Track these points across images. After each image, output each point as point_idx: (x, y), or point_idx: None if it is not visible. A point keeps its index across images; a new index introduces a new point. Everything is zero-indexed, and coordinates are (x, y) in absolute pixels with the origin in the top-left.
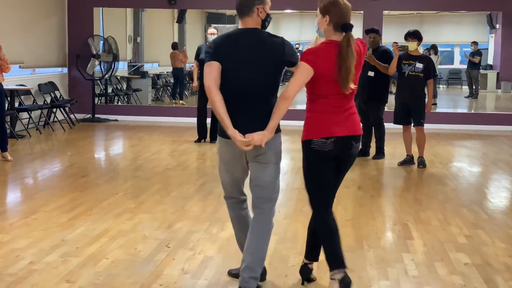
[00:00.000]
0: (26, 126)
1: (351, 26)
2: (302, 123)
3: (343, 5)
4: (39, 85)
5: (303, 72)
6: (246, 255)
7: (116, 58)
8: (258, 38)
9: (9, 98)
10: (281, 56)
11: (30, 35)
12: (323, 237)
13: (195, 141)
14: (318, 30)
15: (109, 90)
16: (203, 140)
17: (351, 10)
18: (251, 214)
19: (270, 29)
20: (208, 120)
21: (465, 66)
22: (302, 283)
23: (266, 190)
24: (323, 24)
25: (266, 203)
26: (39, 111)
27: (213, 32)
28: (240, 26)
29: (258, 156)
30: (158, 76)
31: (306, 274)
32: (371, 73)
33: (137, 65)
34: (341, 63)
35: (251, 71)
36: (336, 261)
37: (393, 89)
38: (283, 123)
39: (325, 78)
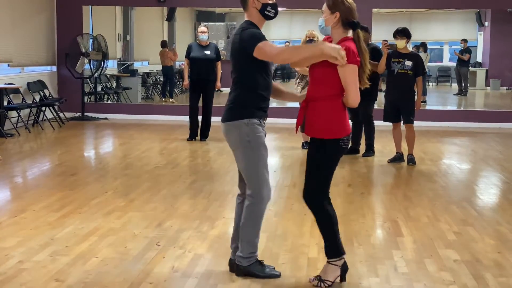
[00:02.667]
0: (15, 125)
1: (359, 24)
2: (293, 120)
3: (351, 2)
4: (28, 84)
5: (356, 73)
6: None
7: (105, 56)
8: (237, 29)
9: None
10: (235, 47)
11: (19, 34)
12: (332, 224)
13: (187, 139)
14: (324, 27)
15: (99, 88)
16: (194, 138)
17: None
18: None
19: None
20: (200, 118)
21: (454, 64)
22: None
23: (246, 177)
24: (331, 21)
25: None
26: (28, 109)
27: (204, 30)
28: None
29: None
30: (148, 74)
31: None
32: None
33: (126, 63)
34: (363, 59)
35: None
36: (341, 248)
37: (383, 86)
38: (270, 121)
39: None
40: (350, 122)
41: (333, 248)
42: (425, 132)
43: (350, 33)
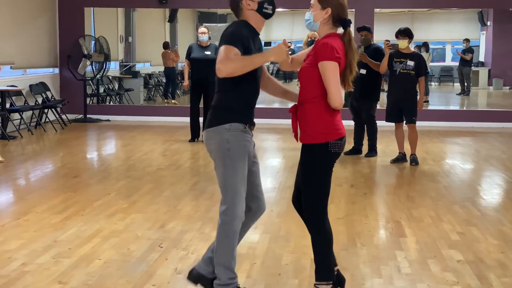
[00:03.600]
0: (17, 127)
1: (350, 22)
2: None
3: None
4: (30, 86)
5: (336, 71)
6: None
7: (107, 58)
8: None
9: (0, 99)
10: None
11: (21, 36)
12: (327, 244)
13: (189, 141)
14: (312, 22)
15: (101, 90)
16: (196, 139)
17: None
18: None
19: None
20: (201, 120)
21: (457, 63)
22: None
23: (221, 188)
24: (321, 17)
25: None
26: (31, 111)
27: (204, 31)
28: None
29: (255, 161)
30: (150, 75)
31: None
32: (363, 71)
33: (128, 64)
34: (350, 57)
35: None
36: (331, 273)
37: (385, 87)
38: (273, 121)
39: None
40: (352, 122)
41: (322, 270)
42: (428, 132)
43: (339, 30)
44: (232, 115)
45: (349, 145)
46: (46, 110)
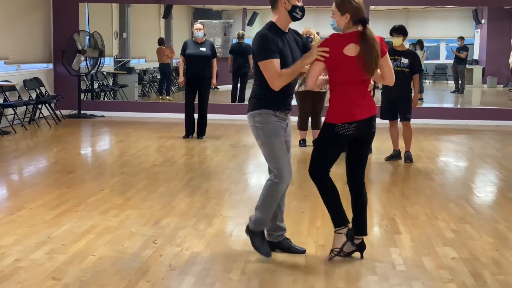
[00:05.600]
0: (11, 123)
1: (368, 20)
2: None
3: (359, 1)
4: (24, 81)
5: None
6: None
7: (102, 53)
8: None
9: None
10: (252, 47)
11: (15, 31)
12: (333, 198)
13: (183, 137)
14: (336, 26)
15: (95, 86)
16: (191, 135)
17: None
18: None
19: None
20: (196, 116)
21: (451, 61)
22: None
23: (268, 162)
24: (342, 21)
25: (271, 171)
26: (24, 107)
27: (199, 27)
28: None
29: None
30: (144, 71)
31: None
32: None
33: (123, 60)
34: (368, 50)
35: None
36: (345, 218)
37: (380, 84)
38: None
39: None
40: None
41: (336, 217)
42: (422, 130)
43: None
44: (264, 103)
45: None
46: (40, 106)
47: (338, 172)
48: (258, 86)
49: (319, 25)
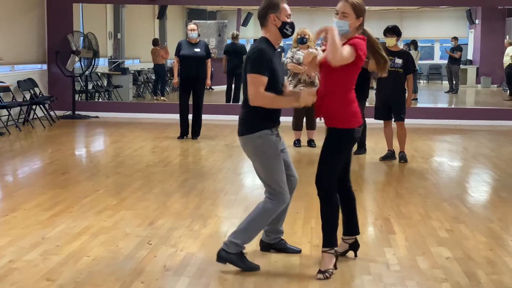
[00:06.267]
0: (5, 123)
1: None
2: (286, 119)
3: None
4: (18, 82)
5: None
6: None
7: (96, 54)
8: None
9: None
10: (246, 63)
11: (9, 32)
12: (333, 215)
13: (178, 137)
14: (348, 30)
15: (90, 86)
16: (185, 136)
17: None
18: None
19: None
20: (190, 116)
21: (445, 61)
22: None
23: (264, 180)
24: (355, 24)
25: (268, 189)
26: (19, 108)
27: (193, 28)
28: None
29: (284, 148)
30: (139, 72)
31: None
32: None
33: (117, 61)
34: (379, 51)
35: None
36: (335, 241)
37: (374, 84)
38: None
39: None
40: None
41: (328, 238)
42: (416, 130)
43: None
44: (261, 125)
45: None
46: (34, 107)
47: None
48: (251, 106)
49: (314, 26)
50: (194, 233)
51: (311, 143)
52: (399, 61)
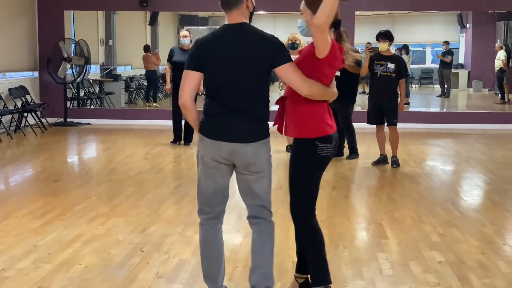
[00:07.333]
0: None
1: (341, 22)
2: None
3: None
4: (9, 90)
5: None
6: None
7: (88, 61)
8: (246, 33)
9: None
10: (261, 57)
11: (0, 39)
12: (317, 247)
13: (171, 142)
14: (305, 28)
15: (81, 93)
16: (178, 142)
17: None
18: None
19: None
20: (183, 122)
21: (437, 66)
22: None
23: (265, 199)
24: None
25: (267, 210)
26: (10, 115)
27: (185, 34)
28: (226, 22)
29: (250, 166)
30: (131, 79)
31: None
32: (337, 73)
33: (109, 68)
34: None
35: (235, 70)
36: (328, 275)
37: (366, 89)
38: None
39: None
40: None
41: (319, 273)
42: (409, 134)
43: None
44: (268, 127)
45: None
46: (25, 114)
47: (325, 178)
48: (265, 105)
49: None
50: (186, 240)
51: None
52: (391, 65)
